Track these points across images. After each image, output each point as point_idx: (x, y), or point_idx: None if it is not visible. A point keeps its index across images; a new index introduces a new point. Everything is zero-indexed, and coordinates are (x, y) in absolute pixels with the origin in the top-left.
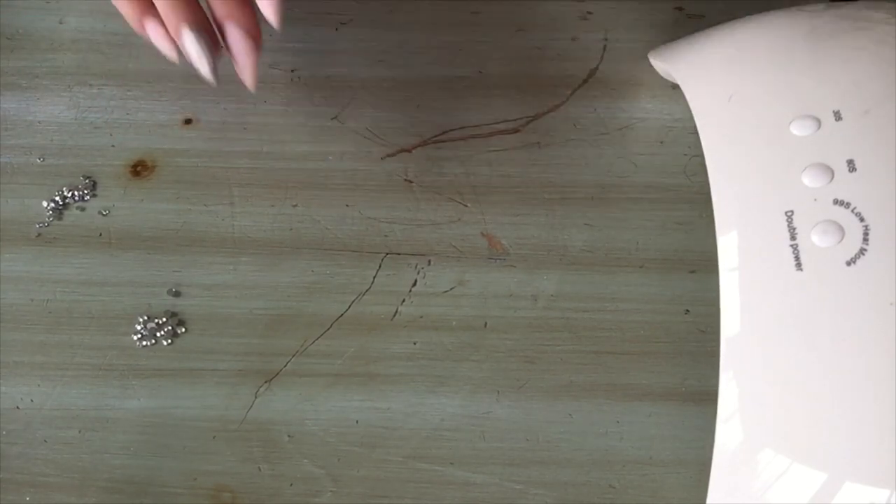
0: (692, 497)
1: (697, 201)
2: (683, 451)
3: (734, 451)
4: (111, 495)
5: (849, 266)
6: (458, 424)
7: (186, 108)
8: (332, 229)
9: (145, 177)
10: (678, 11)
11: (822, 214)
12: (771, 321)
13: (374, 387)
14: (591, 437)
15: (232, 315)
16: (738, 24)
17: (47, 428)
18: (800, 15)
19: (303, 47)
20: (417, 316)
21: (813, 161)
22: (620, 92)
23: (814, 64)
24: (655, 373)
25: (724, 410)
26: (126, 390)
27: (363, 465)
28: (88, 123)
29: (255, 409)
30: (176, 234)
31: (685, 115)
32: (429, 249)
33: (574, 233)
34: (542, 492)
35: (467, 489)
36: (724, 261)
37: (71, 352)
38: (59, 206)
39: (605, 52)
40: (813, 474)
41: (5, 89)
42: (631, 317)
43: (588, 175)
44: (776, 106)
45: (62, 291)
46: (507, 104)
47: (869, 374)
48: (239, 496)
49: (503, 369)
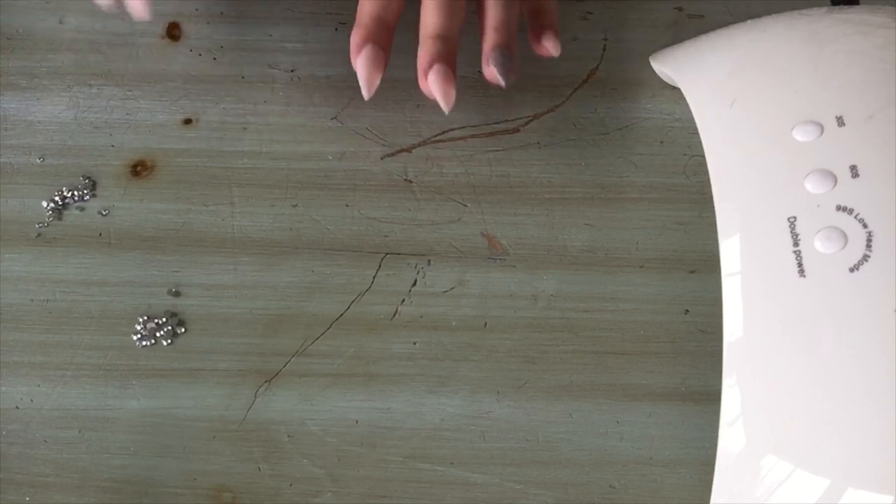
0: (692, 497)
1: (697, 201)
2: (683, 451)
3: (737, 456)
4: (111, 495)
5: (852, 272)
6: (458, 424)
7: (186, 108)
8: (332, 229)
9: (145, 177)
10: (678, 11)
11: (825, 220)
12: (773, 327)
13: (374, 387)
14: (591, 437)
15: (232, 315)
16: (738, 29)
17: (47, 428)
18: (801, 19)
19: (303, 47)
20: (417, 316)
21: (816, 167)
22: (620, 92)
23: (815, 69)
24: (655, 373)
25: (726, 415)
26: (126, 390)
27: (363, 465)
28: (88, 123)
29: (254, 409)
30: (176, 234)
31: (685, 115)
32: (429, 249)
33: (574, 233)
34: (542, 492)
35: (467, 489)
36: (726, 266)
37: (71, 352)
38: (59, 206)
39: (605, 52)
40: (815, 480)
41: (5, 89)
42: (631, 317)
43: (588, 175)
44: (778, 111)
45: (62, 291)
46: (507, 104)
47: (871, 380)
48: (239, 496)
49: (503, 369)
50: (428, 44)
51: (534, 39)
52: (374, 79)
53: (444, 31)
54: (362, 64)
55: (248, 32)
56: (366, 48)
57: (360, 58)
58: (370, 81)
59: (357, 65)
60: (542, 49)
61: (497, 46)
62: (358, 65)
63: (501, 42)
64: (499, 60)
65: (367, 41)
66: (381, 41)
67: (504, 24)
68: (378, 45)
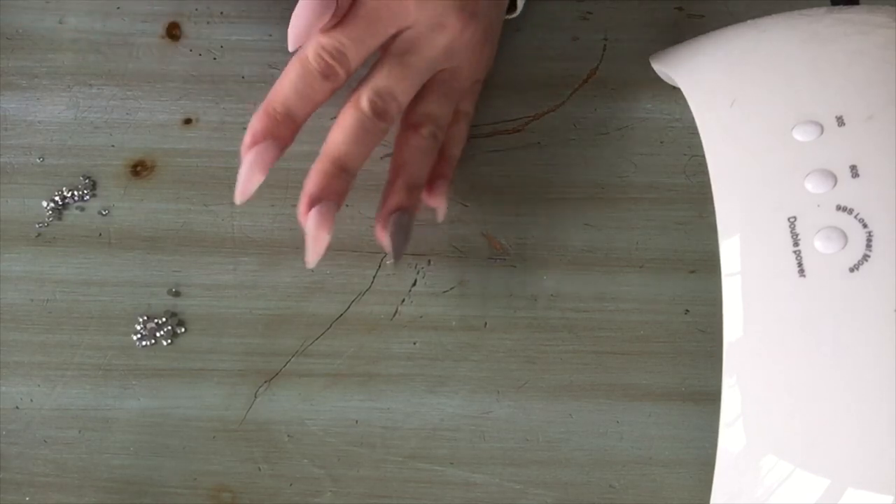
0: (692, 497)
1: (697, 201)
2: (683, 451)
3: (737, 456)
4: (111, 495)
5: (852, 272)
6: (458, 424)
7: (186, 108)
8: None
9: (145, 177)
10: (678, 11)
11: (825, 220)
12: (774, 327)
13: (374, 387)
14: (591, 437)
15: (232, 315)
16: (738, 29)
17: (47, 428)
18: (801, 19)
19: None
20: (417, 316)
21: (816, 167)
22: (620, 92)
23: (815, 69)
24: (655, 373)
25: (726, 415)
26: (126, 390)
27: (363, 465)
28: (88, 123)
29: (255, 409)
30: (176, 234)
31: (685, 115)
32: (429, 249)
33: (574, 233)
34: (542, 492)
35: (467, 489)
36: (726, 266)
37: (71, 352)
38: (59, 206)
39: (605, 52)
40: (815, 480)
41: (5, 89)
42: (631, 317)
43: (588, 175)
44: (778, 111)
45: (62, 291)
46: (507, 104)
47: (872, 380)
48: (239, 496)
49: (503, 369)
50: (325, 167)
51: (426, 187)
52: (252, 184)
53: (346, 159)
54: (247, 159)
55: (248, 32)
56: (253, 152)
57: (249, 155)
58: (247, 186)
59: (243, 160)
60: (428, 202)
61: (399, 211)
62: (243, 160)
63: (406, 205)
64: (394, 231)
65: (264, 139)
66: (282, 141)
67: (416, 176)
68: (278, 146)
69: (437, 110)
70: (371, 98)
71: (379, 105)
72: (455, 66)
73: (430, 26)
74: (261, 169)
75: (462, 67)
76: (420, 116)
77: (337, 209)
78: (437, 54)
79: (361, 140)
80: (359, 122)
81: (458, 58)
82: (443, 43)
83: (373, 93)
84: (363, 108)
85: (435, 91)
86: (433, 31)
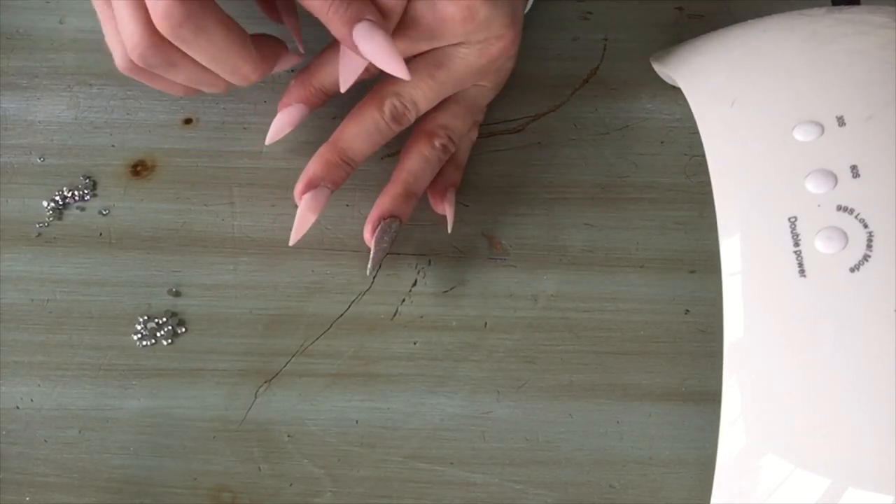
0: (692, 497)
1: (697, 201)
2: (683, 451)
3: (737, 456)
4: (111, 495)
5: (852, 273)
6: (458, 424)
7: (186, 108)
8: (332, 229)
9: (145, 177)
10: (678, 11)
11: (826, 221)
12: (774, 327)
13: (374, 387)
14: (591, 437)
15: (232, 315)
16: (738, 29)
17: (47, 428)
18: (801, 19)
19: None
20: (417, 316)
21: (816, 167)
22: (620, 92)
23: (816, 69)
24: (655, 373)
25: (727, 414)
26: (126, 390)
27: (363, 465)
28: (88, 123)
29: (255, 409)
30: (176, 234)
31: (685, 115)
32: (429, 249)
33: (574, 233)
34: (542, 492)
35: (467, 489)
36: (726, 266)
37: (71, 352)
38: (59, 206)
39: (605, 52)
40: (816, 479)
41: (5, 89)
42: (631, 317)
43: (588, 175)
44: (778, 111)
45: (62, 291)
46: (507, 104)
47: (872, 380)
48: (239, 496)
49: (503, 369)
50: (332, 157)
51: (436, 195)
52: (307, 225)
53: (353, 153)
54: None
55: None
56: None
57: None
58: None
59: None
60: (438, 209)
61: (391, 218)
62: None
63: (398, 213)
64: (379, 238)
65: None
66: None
67: (417, 185)
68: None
69: (455, 124)
70: (394, 103)
71: (399, 111)
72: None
73: (480, 44)
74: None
75: (489, 88)
76: (437, 127)
77: (330, 194)
78: (469, 74)
79: (373, 139)
80: (375, 122)
81: (488, 78)
82: (479, 64)
83: (397, 98)
84: (384, 111)
85: (459, 104)
86: (481, 50)
